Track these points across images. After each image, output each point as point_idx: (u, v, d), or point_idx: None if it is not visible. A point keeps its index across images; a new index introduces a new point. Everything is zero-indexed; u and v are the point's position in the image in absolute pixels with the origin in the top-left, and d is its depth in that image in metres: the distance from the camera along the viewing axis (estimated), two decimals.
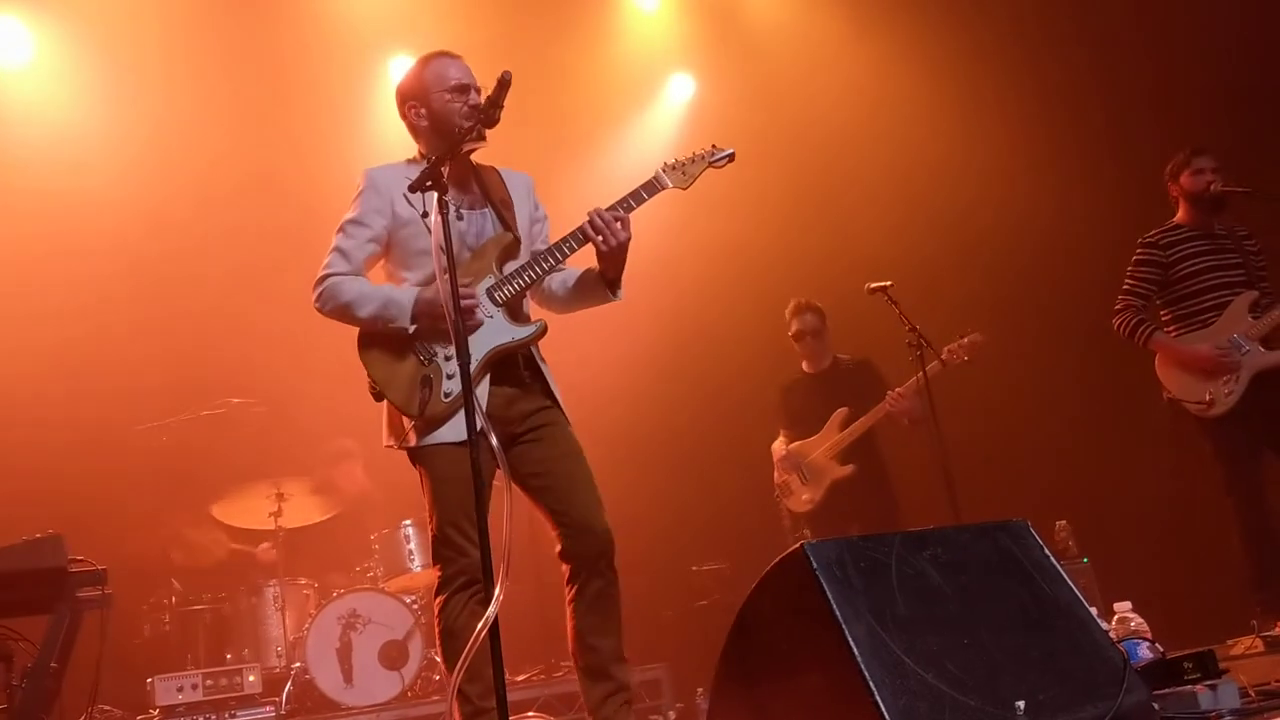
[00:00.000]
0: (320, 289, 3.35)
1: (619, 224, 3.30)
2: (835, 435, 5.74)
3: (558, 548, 3.34)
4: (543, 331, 3.37)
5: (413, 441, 3.28)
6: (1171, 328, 4.92)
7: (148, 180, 6.37)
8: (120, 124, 6.38)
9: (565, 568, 3.34)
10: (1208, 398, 4.69)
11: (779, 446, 5.95)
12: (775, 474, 5.94)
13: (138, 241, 6.30)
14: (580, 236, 3.34)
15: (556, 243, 3.37)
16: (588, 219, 3.31)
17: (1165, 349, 4.85)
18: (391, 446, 3.37)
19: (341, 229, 3.40)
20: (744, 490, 6.61)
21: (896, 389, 5.48)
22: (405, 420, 3.27)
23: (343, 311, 3.33)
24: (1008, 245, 6.85)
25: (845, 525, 5.48)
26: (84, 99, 6.33)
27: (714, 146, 3.49)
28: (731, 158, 3.49)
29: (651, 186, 3.40)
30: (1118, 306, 4.95)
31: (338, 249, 3.38)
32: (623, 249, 3.33)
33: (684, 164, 3.44)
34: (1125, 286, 4.96)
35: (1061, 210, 6.72)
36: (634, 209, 3.38)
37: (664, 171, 3.43)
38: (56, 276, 6.24)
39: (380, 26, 6.86)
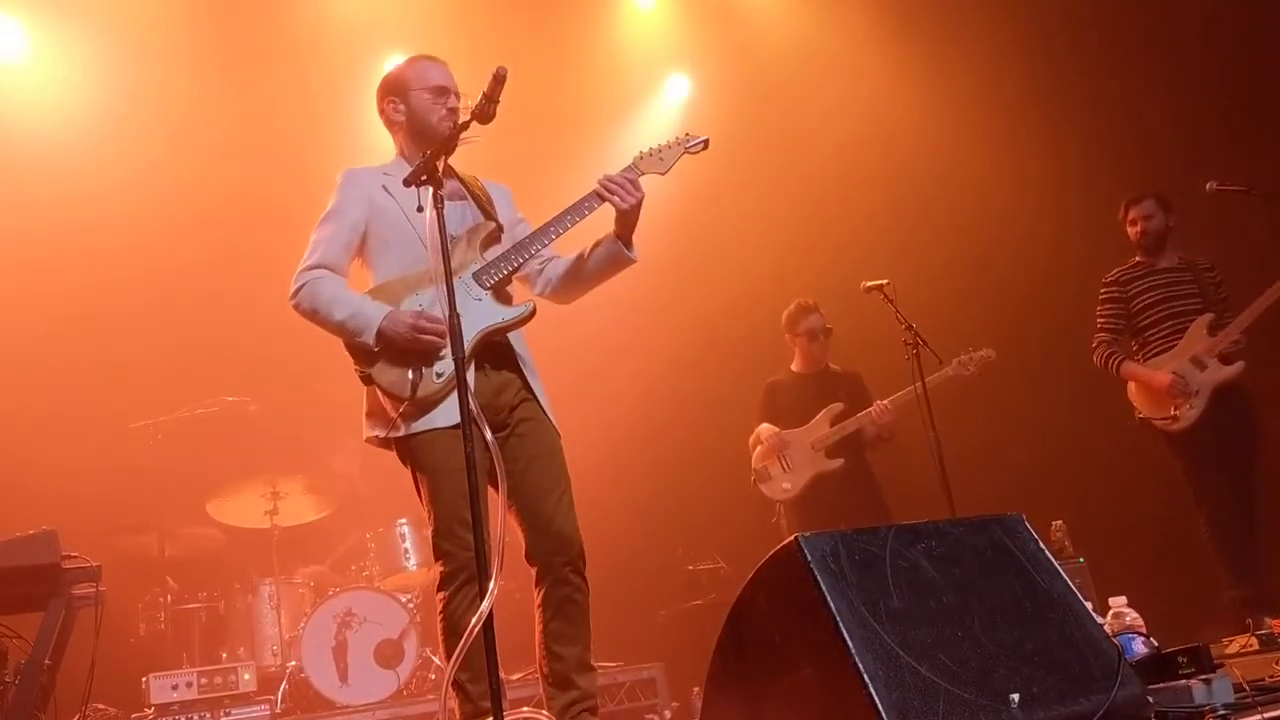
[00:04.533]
0: (296, 285, 3.34)
1: (632, 184, 3.33)
2: (825, 429, 5.72)
3: (524, 549, 3.31)
4: (531, 313, 3.35)
5: (402, 430, 3.24)
6: (1139, 355, 5.35)
7: (142, 178, 6.37)
8: (116, 122, 6.36)
9: (533, 570, 3.31)
10: (1173, 412, 5.14)
11: (765, 429, 5.87)
12: (755, 457, 5.90)
13: (132, 238, 6.30)
14: (583, 209, 3.34)
15: (558, 216, 3.35)
16: (599, 183, 3.34)
17: (1133, 375, 5.30)
18: (373, 439, 3.33)
19: (318, 225, 3.42)
20: (741, 489, 6.59)
21: (884, 401, 5.52)
22: (392, 408, 3.23)
23: (313, 315, 3.31)
24: (1005, 246, 6.86)
25: (830, 520, 5.33)
26: (78, 98, 6.31)
27: (688, 134, 3.50)
28: (706, 144, 3.49)
29: (629, 173, 3.40)
30: (1093, 344, 5.42)
31: (314, 241, 3.39)
32: (639, 207, 3.36)
33: (659, 151, 3.47)
34: (1097, 324, 5.44)
35: (1061, 212, 6.73)
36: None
37: (640, 159, 3.45)
38: (50, 273, 6.24)
39: (374, 26, 6.85)
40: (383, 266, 3.38)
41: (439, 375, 3.21)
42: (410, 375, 3.20)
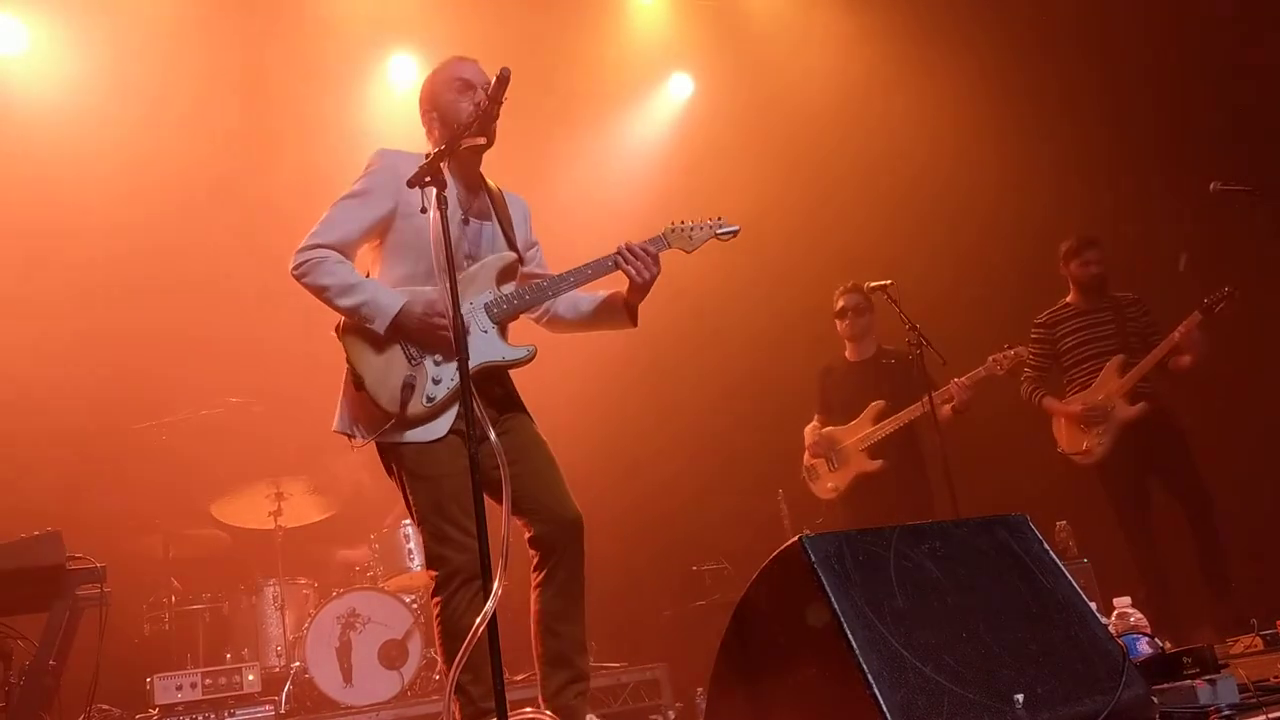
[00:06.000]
0: (303, 258, 3.26)
1: (652, 258, 3.40)
2: (868, 428, 5.70)
3: (527, 534, 3.32)
4: (532, 356, 3.38)
5: (392, 437, 3.22)
6: (1067, 390, 5.75)
7: (144, 175, 6.35)
8: (120, 117, 6.35)
9: (534, 554, 3.33)
10: (1084, 447, 5.60)
11: (812, 428, 5.89)
12: (805, 456, 5.90)
13: (136, 237, 6.29)
14: (605, 266, 3.40)
15: (576, 268, 3.41)
16: (619, 251, 3.39)
17: (1052, 410, 5.76)
18: (344, 434, 3.29)
19: (340, 200, 3.33)
20: (745, 490, 6.60)
21: (962, 379, 5.48)
22: (381, 418, 3.20)
23: (319, 293, 3.25)
24: (1011, 245, 6.84)
25: (874, 522, 5.31)
26: (79, 91, 6.29)
27: (720, 218, 3.58)
28: (735, 233, 3.59)
29: (657, 244, 3.47)
30: (1021, 378, 5.80)
31: (329, 219, 3.31)
32: (653, 282, 3.43)
33: (690, 229, 3.53)
34: (1028, 361, 5.77)
35: (1065, 209, 6.72)
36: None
37: (669, 233, 3.51)
38: (53, 272, 6.23)
39: (377, 23, 6.86)
40: (395, 267, 3.33)
41: (429, 400, 3.20)
42: (401, 392, 3.19)
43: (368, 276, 3.37)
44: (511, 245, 3.46)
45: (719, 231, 3.55)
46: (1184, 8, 6.36)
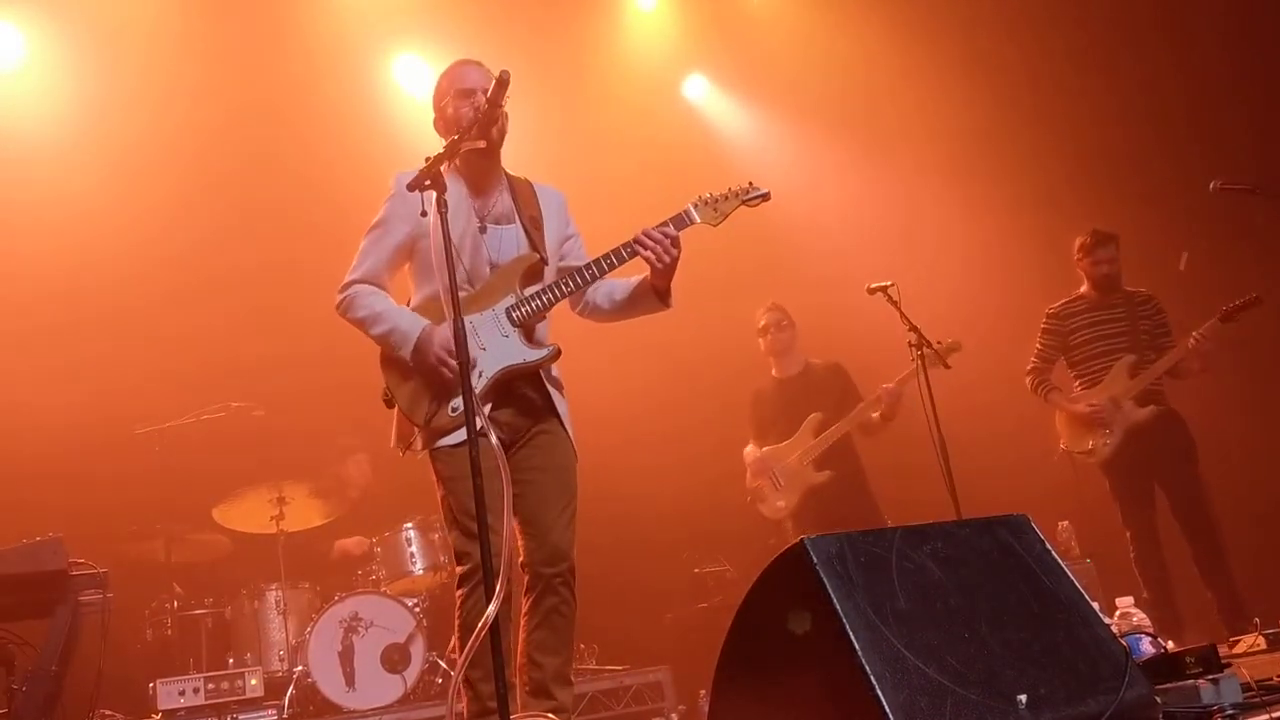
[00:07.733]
0: (340, 296, 3.42)
1: (670, 241, 3.33)
2: (810, 441, 5.71)
3: (520, 557, 3.36)
4: (555, 355, 3.40)
5: (419, 447, 3.34)
6: (1074, 384, 5.68)
7: (146, 183, 6.36)
8: (119, 126, 6.37)
9: (525, 577, 3.35)
10: (1090, 446, 5.48)
11: (751, 451, 5.92)
12: (747, 479, 5.90)
13: (137, 245, 6.30)
14: (622, 254, 3.36)
15: (594, 260, 3.39)
16: (638, 237, 3.34)
17: (1058, 406, 5.64)
18: (395, 447, 3.41)
19: (367, 233, 3.45)
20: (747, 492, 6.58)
21: (888, 384, 5.52)
22: (407, 427, 3.33)
23: (358, 326, 3.40)
24: (1012, 243, 6.84)
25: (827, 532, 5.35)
26: (80, 101, 6.31)
27: (750, 184, 3.48)
28: (766, 197, 3.47)
29: (680, 221, 3.40)
30: (1028, 368, 5.73)
31: (360, 252, 3.44)
32: (674, 265, 3.37)
33: (717, 200, 3.44)
34: (1034, 350, 5.75)
35: (1072, 210, 6.72)
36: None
37: (695, 207, 3.43)
38: (55, 281, 6.23)
39: (382, 29, 6.86)
40: (424, 286, 3.41)
41: (454, 410, 3.26)
42: (428, 406, 3.27)
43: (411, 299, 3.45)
44: (536, 246, 3.45)
45: (747, 198, 3.44)
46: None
